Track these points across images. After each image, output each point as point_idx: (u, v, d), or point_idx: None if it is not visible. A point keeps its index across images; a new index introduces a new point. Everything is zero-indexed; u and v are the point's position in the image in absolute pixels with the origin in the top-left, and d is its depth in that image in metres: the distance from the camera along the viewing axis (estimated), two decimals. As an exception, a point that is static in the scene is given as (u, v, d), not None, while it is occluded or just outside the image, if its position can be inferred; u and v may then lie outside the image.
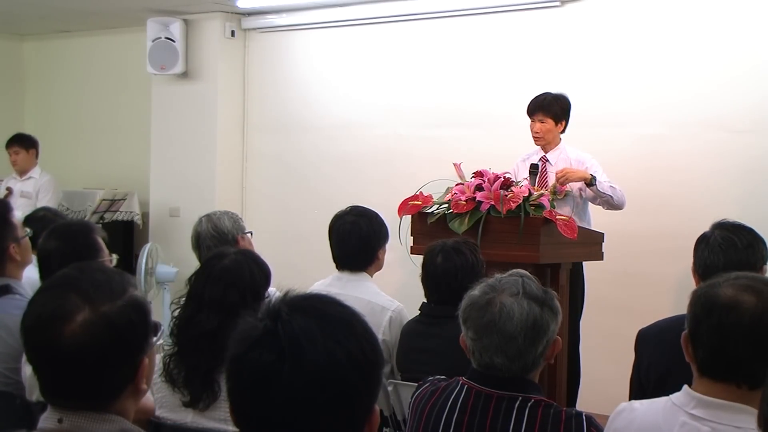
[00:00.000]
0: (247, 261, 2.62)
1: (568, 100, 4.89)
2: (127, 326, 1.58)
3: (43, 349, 1.56)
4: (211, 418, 2.48)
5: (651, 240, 5.25)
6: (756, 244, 2.81)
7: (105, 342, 1.55)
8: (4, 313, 2.79)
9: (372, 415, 1.32)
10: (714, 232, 2.85)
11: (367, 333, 1.33)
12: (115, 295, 1.59)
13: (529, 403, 2.10)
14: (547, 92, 4.89)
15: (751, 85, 5.08)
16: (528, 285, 2.15)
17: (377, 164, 6.45)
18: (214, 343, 2.48)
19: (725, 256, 2.75)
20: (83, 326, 1.53)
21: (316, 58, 6.85)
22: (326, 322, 1.29)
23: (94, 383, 1.56)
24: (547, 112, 4.81)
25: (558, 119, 4.83)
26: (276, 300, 1.34)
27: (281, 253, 6.01)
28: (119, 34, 7.90)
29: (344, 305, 1.36)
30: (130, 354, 1.59)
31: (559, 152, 4.87)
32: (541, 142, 4.88)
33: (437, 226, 4.08)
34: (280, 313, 1.29)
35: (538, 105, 4.83)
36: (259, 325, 1.29)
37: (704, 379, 1.92)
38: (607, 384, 4.00)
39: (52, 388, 1.59)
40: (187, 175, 7.16)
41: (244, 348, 1.29)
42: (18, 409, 2.74)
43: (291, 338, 1.26)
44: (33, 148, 6.87)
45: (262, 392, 1.26)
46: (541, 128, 4.82)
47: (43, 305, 1.59)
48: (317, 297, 1.37)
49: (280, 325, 1.27)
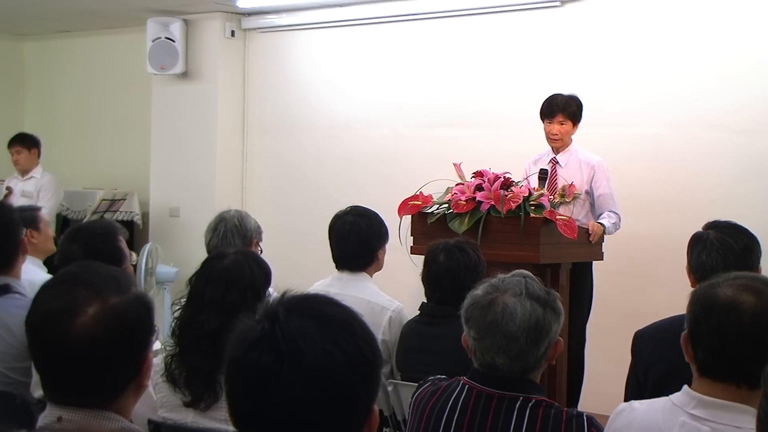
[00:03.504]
0: (248, 261, 2.63)
1: (580, 100, 4.83)
2: (137, 319, 1.59)
3: (51, 344, 1.56)
4: (212, 418, 2.48)
5: (651, 240, 5.25)
6: (752, 247, 2.79)
7: (116, 334, 1.55)
8: (5, 313, 2.79)
9: (371, 416, 1.32)
10: (709, 234, 2.81)
11: (365, 333, 1.33)
12: (122, 289, 1.60)
13: (529, 403, 2.10)
14: (559, 93, 4.80)
15: (751, 85, 5.08)
16: (531, 285, 2.15)
17: (377, 164, 6.45)
18: (216, 343, 2.48)
19: (723, 260, 2.71)
20: (94, 319, 1.54)
21: (316, 58, 6.85)
22: (324, 323, 1.29)
23: (101, 378, 1.56)
24: (567, 114, 4.73)
25: (576, 120, 4.77)
26: (273, 301, 1.34)
27: (281, 252, 6.00)
28: (119, 34, 7.90)
29: (342, 306, 1.35)
30: (138, 347, 1.60)
31: (569, 154, 4.81)
32: (558, 144, 4.79)
33: (437, 226, 4.09)
34: (277, 315, 1.29)
35: (558, 106, 4.73)
36: (256, 327, 1.29)
37: (704, 379, 1.93)
38: (607, 384, 4.00)
39: (56, 385, 1.59)
40: (187, 175, 7.16)
41: (242, 350, 1.29)
42: (18, 408, 2.74)
43: (289, 340, 1.26)
44: (35, 148, 6.88)
45: (260, 394, 1.26)
46: (560, 130, 4.73)
47: (51, 301, 1.59)
48: (315, 298, 1.36)
49: (277, 326, 1.27)
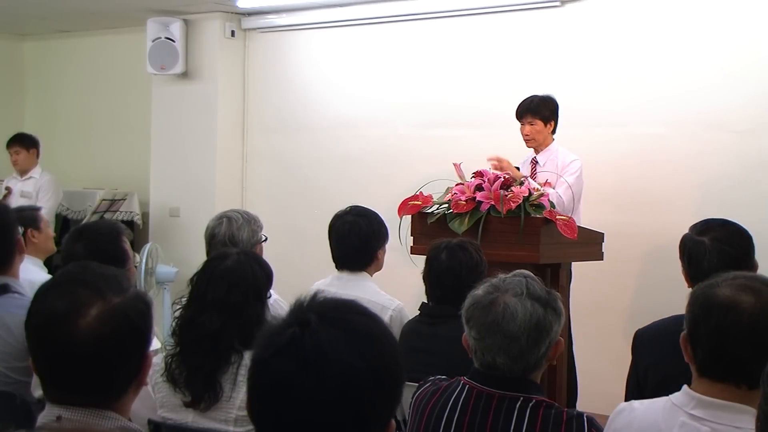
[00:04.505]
0: (250, 261, 2.63)
1: (555, 100, 4.94)
2: (140, 317, 1.60)
3: (56, 346, 1.56)
4: (212, 418, 2.48)
5: (651, 240, 5.24)
6: (750, 250, 2.77)
7: (121, 333, 1.56)
8: (5, 312, 2.79)
9: (388, 430, 1.32)
10: (704, 241, 2.73)
11: (392, 350, 1.32)
12: (122, 289, 1.61)
13: (530, 403, 2.10)
14: (534, 95, 4.93)
15: (751, 84, 5.08)
16: (532, 285, 2.15)
17: (377, 164, 6.45)
18: (217, 343, 2.49)
19: (721, 267, 2.64)
20: (98, 319, 1.55)
21: (316, 58, 6.85)
22: (354, 336, 1.28)
23: (107, 377, 1.57)
24: (535, 114, 4.87)
25: (547, 120, 4.89)
26: (306, 304, 1.33)
27: (281, 252, 6.00)
28: (119, 34, 7.90)
29: (374, 318, 1.35)
30: (141, 345, 1.61)
31: (549, 153, 4.91)
32: (532, 144, 4.92)
33: (437, 226, 4.08)
34: (308, 321, 1.28)
35: (526, 108, 4.89)
36: (286, 330, 1.28)
37: (704, 380, 1.93)
38: (606, 384, 4.01)
39: (59, 385, 1.59)
40: (187, 175, 7.16)
41: (269, 353, 1.28)
42: (18, 408, 2.74)
43: (316, 350, 1.25)
44: (34, 148, 6.87)
45: (281, 399, 1.26)
46: (531, 130, 4.87)
47: (53, 302, 1.59)
48: (348, 306, 1.35)
49: (307, 334, 1.26)
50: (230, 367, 2.48)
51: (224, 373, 2.48)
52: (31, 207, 4.65)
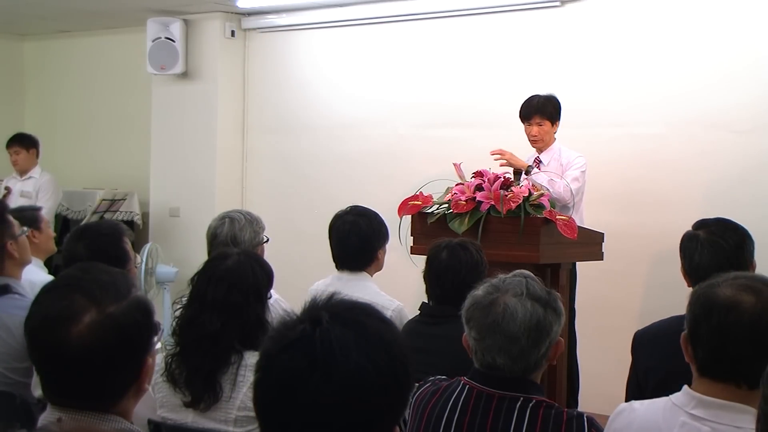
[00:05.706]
0: (250, 262, 2.63)
1: (558, 99, 4.93)
2: (133, 327, 1.59)
3: (48, 349, 1.57)
4: (211, 418, 2.48)
5: (651, 240, 5.25)
6: (743, 243, 2.78)
7: (111, 343, 1.55)
8: (4, 313, 2.79)
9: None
10: (699, 234, 2.80)
11: (402, 354, 1.31)
12: (120, 296, 1.60)
13: (530, 403, 2.10)
14: (536, 94, 4.91)
15: (750, 84, 5.08)
16: (532, 286, 2.15)
17: (377, 164, 6.45)
18: (217, 344, 2.48)
19: (716, 260, 2.69)
20: (90, 327, 1.54)
21: (316, 58, 6.85)
22: (364, 338, 1.27)
23: (99, 384, 1.57)
24: (543, 114, 4.85)
25: (554, 120, 4.88)
26: (319, 302, 1.33)
27: (281, 252, 5.99)
28: (119, 34, 7.90)
29: (386, 321, 1.34)
30: (135, 354, 1.60)
31: (552, 152, 4.90)
32: (539, 145, 4.91)
33: (437, 226, 4.08)
34: (320, 319, 1.28)
35: (534, 108, 4.86)
36: (298, 326, 1.28)
37: (704, 380, 1.93)
38: (606, 384, 4.01)
39: (55, 388, 1.59)
40: (187, 175, 7.16)
41: (278, 348, 1.28)
42: (18, 408, 2.74)
43: (326, 348, 1.25)
44: (33, 148, 6.87)
45: (286, 395, 1.25)
46: (539, 131, 4.85)
47: (48, 306, 1.59)
48: (360, 308, 1.35)
49: (318, 331, 1.26)
50: (230, 368, 2.48)
51: (224, 373, 2.48)
52: (31, 207, 4.64)
